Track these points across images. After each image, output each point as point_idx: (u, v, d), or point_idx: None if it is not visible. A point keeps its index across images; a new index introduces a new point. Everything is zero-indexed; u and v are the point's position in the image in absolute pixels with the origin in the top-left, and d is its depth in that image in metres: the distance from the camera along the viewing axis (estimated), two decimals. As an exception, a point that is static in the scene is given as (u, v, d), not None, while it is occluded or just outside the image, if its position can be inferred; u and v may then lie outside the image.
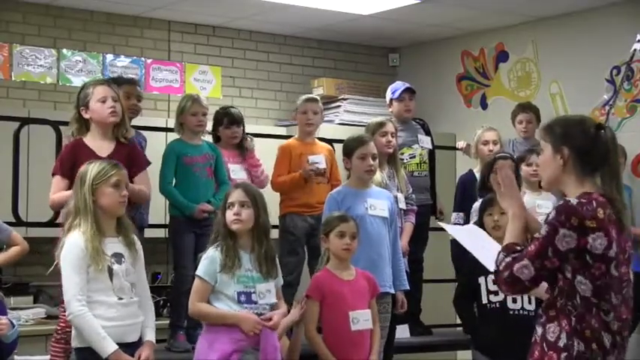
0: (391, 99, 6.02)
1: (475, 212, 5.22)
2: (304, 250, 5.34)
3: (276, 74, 7.86)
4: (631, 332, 3.05)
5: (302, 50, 7.99)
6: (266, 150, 5.65)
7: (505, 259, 2.93)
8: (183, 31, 7.45)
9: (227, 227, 3.97)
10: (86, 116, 4.40)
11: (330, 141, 5.76)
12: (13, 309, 5.77)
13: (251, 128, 5.77)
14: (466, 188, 5.89)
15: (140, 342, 3.80)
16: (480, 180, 5.50)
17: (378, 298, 4.59)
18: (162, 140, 5.59)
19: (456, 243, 5.72)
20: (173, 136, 5.35)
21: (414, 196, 5.50)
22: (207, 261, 3.93)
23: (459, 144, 6.65)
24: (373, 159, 4.79)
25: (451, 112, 7.93)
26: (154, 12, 7.13)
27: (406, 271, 5.07)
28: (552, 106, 7.19)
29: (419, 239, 5.63)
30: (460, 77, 8.00)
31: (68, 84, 6.93)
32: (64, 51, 6.94)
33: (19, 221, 5.02)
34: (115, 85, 4.58)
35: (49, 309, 6.14)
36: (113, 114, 4.37)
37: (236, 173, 5.31)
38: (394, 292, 4.81)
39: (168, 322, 5.19)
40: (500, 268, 2.92)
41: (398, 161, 5.42)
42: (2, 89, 6.72)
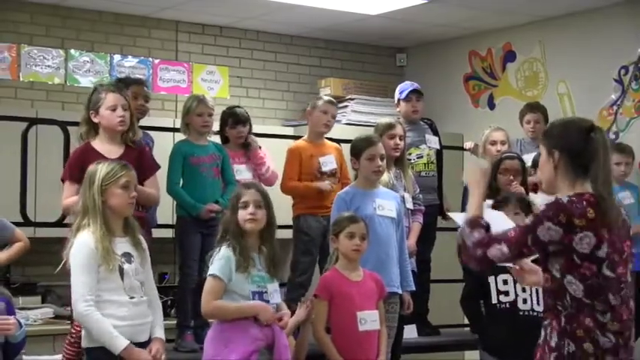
0: (399, 99, 6.01)
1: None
2: (318, 251, 5.34)
3: (283, 74, 7.86)
4: (638, 334, 3.04)
5: (309, 50, 7.99)
6: (273, 150, 5.64)
7: (474, 235, 2.99)
8: (190, 32, 7.46)
9: (239, 227, 3.96)
10: (95, 120, 4.41)
11: (338, 141, 5.75)
12: (22, 309, 5.78)
13: (258, 128, 5.77)
14: (474, 188, 5.87)
15: (150, 341, 3.80)
16: (487, 180, 5.48)
17: (386, 299, 4.59)
18: (169, 140, 5.59)
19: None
20: (180, 137, 5.36)
21: (422, 196, 5.49)
22: (222, 260, 3.91)
23: (467, 144, 6.64)
24: (381, 159, 4.79)
25: (458, 113, 7.93)
26: (162, 12, 7.14)
27: (414, 272, 5.07)
28: (560, 106, 7.18)
29: (426, 239, 5.62)
30: (467, 77, 7.99)
31: (76, 84, 6.94)
32: (72, 51, 6.95)
33: (27, 221, 5.03)
34: (126, 91, 4.58)
35: (57, 309, 6.15)
36: (121, 123, 4.38)
37: (241, 173, 5.31)
38: (401, 293, 4.81)
39: (175, 322, 5.20)
40: (469, 243, 2.97)
41: (405, 161, 5.42)
42: (10, 89, 6.73)
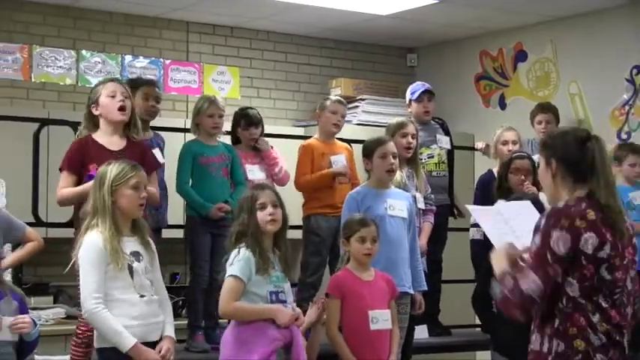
0: (410, 100, 6.01)
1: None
2: (328, 251, 5.34)
3: (294, 75, 7.87)
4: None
5: (320, 50, 8.00)
6: (284, 150, 5.65)
7: (506, 285, 2.88)
8: (201, 32, 7.47)
9: (259, 228, 3.95)
10: (96, 113, 4.40)
11: (348, 141, 5.76)
12: (34, 309, 5.80)
13: (269, 129, 5.77)
14: (486, 188, 5.87)
15: (161, 341, 3.80)
16: (498, 180, 5.48)
17: (397, 299, 4.58)
18: (180, 141, 5.60)
19: (475, 242, 5.73)
20: (191, 137, 5.36)
21: (433, 197, 5.49)
22: (242, 261, 3.89)
23: (478, 144, 6.63)
24: (394, 158, 4.79)
25: (469, 113, 7.91)
26: (173, 13, 7.16)
27: (425, 272, 5.06)
28: (571, 107, 7.16)
29: (437, 239, 5.62)
30: (478, 77, 7.98)
31: (87, 85, 6.92)
32: (84, 52, 6.95)
33: (39, 222, 5.05)
34: (127, 85, 4.58)
35: (69, 309, 6.16)
36: (122, 109, 4.37)
37: (254, 174, 5.31)
38: (413, 293, 4.81)
39: (186, 323, 5.20)
40: (504, 296, 2.88)
41: (418, 161, 5.42)
42: (22, 90, 6.76)
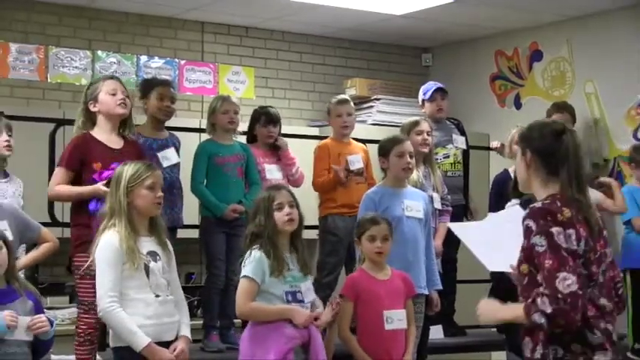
0: (423, 100, 6.01)
1: (508, 211, 5.20)
2: (345, 251, 5.34)
3: (308, 74, 7.87)
4: None
5: (335, 50, 7.99)
6: (299, 150, 5.65)
7: (539, 304, 2.78)
8: (216, 32, 7.49)
9: (276, 229, 3.96)
10: (94, 109, 4.40)
11: (363, 141, 5.75)
12: (49, 308, 5.82)
13: (284, 129, 5.77)
14: (501, 188, 5.85)
15: (177, 340, 3.81)
16: (514, 180, 5.46)
17: (413, 299, 4.57)
18: (195, 141, 5.61)
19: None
20: (206, 137, 5.37)
21: (450, 197, 5.48)
22: (254, 263, 3.91)
23: (493, 144, 6.61)
24: (410, 157, 4.78)
25: (485, 112, 7.89)
26: (188, 13, 7.17)
27: (440, 272, 5.05)
28: (587, 106, 7.13)
29: (452, 240, 5.58)
30: (494, 77, 7.96)
31: (103, 85, 6.97)
32: (99, 52, 6.99)
33: (55, 222, 5.07)
34: (142, 85, 4.59)
35: (85, 309, 6.17)
36: (122, 106, 4.39)
37: (272, 173, 5.32)
38: (427, 293, 4.80)
39: (201, 322, 5.21)
40: (553, 308, 2.76)
41: (434, 160, 5.42)
42: (38, 91, 6.79)
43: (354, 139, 5.65)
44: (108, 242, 3.72)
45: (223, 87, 7.40)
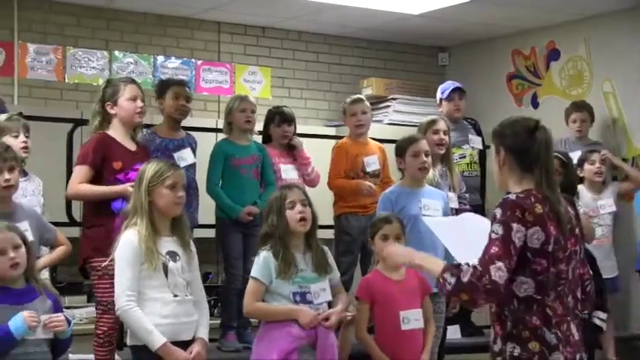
0: (441, 99, 6.00)
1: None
2: (359, 251, 5.33)
3: (325, 74, 7.87)
4: None
5: (351, 50, 7.99)
6: (315, 150, 5.65)
7: (462, 274, 2.84)
8: (232, 32, 7.50)
9: (288, 228, 3.96)
10: (112, 112, 4.43)
11: (380, 141, 5.75)
12: (68, 308, 5.84)
13: (300, 128, 5.78)
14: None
15: (194, 340, 3.81)
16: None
17: (432, 298, 4.55)
18: (212, 141, 5.62)
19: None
20: (222, 137, 5.38)
21: (468, 195, 5.47)
22: (261, 263, 3.93)
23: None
24: (426, 156, 4.78)
25: (501, 112, 7.78)
26: (204, 13, 7.18)
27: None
28: (605, 105, 7.09)
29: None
30: (511, 76, 7.93)
31: (120, 86, 7.00)
32: (116, 53, 7.02)
33: (73, 221, 5.09)
34: (158, 86, 4.62)
35: (102, 308, 6.19)
36: (140, 115, 4.45)
37: (287, 173, 5.33)
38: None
39: (219, 322, 5.22)
40: (468, 279, 2.82)
41: (451, 159, 5.40)
42: (56, 91, 6.82)
43: (371, 139, 5.65)
44: (127, 241, 3.73)
45: (240, 87, 7.42)
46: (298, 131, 5.60)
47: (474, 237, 3.07)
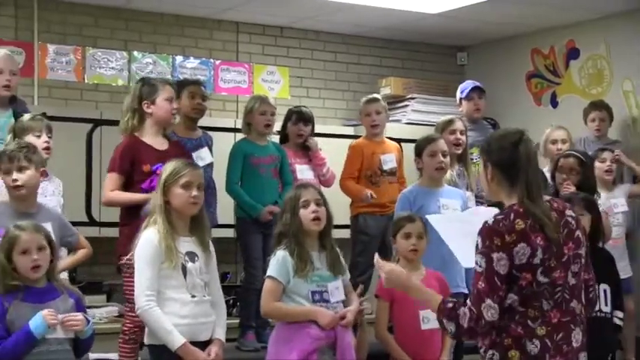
0: (460, 99, 5.99)
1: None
2: (376, 251, 5.32)
3: (343, 74, 7.87)
4: None
5: (369, 50, 7.98)
6: (333, 150, 5.66)
7: (462, 316, 2.93)
8: (251, 32, 7.51)
9: (302, 227, 3.95)
10: (148, 111, 4.45)
11: (398, 140, 5.75)
12: (87, 307, 5.85)
13: (318, 128, 5.79)
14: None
15: (211, 341, 3.81)
16: (550, 179, 5.43)
17: (452, 297, 4.54)
18: (230, 141, 5.64)
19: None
20: (241, 137, 5.39)
21: (485, 195, 5.46)
22: (278, 262, 3.92)
23: (529, 143, 6.55)
24: (443, 156, 4.77)
25: (520, 111, 7.83)
26: (223, 13, 7.20)
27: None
28: (625, 104, 7.05)
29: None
30: (530, 75, 7.90)
31: (139, 86, 7.03)
32: (135, 53, 7.05)
33: (92, 221, 5.12)
34: (193, 87, 4.68)
35: (122, 307, 6.21)
36: (175, 116, 4.54)
37: (303, 173, 5.34)
38: (467, 292, 4.78)
39: (237, 322, 5.23)
40: (468, 325, 2.91)
41: (468, 159, 5.39)
42: (76, 91, 6.85)
43: (389, 139, 5.64)
44: (147, 240, 3.74)
45: (258, 87, 7.43)
46: (316, 131, 5.61)
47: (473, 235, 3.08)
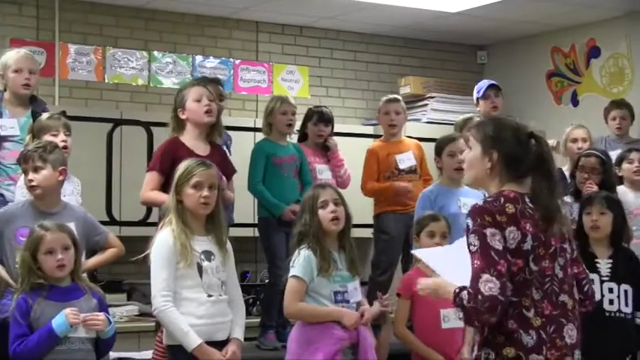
0: (477, 98, 5.98)
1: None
2: (399, 250, 5.32)
3: (363, 73, 7.86)
4: None
5: (389, 49, 7.97)
6: (353, 149, 5.66)
7: (463, 298, 2.78)
8: (270, 32, 7.52)
9: (321, 227, 3.94)
10: (183, 117, 4.45)
11: (418, 139, 5.74)
12: (108, 306, 5.90)
13: (338, 127, 5.79)
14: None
15: (229, 341, 3.79)
16: (570, 178, 5.41)
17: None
18: (249, 140, 5.65)
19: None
20: (261, 137, 5.39)
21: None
22: (303, 261, 3.90)
23: (549, 142, 6.52)
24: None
25: (541, 110, 7.80)
26: (242, 13, 7.21)
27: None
28: (646, 103, 7.01)
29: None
30: (550, 74, 7.86)
31: (159, 85, 7.06)
32: (155, 53, 7.07)
33: (113, 220, 5.14)
34: (211, 86, 4.64)
35: (142, 306, 6.25)
36: (208, 113, 4.43)
37: (322, 173, 5.35)
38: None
39: (257, 321, 5.24)
40: (469, 305, 2.76)
41: (486, 158, 5.37)
42: (96, 91, 6.88)
43: (408, 137, 5.64)
44: (162, 241, 3.72)
45: (278, 86, 7.44)
46: (336, 130, 5.61)
47: (467, 263, 2.94)
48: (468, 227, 2.84)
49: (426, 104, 7.57)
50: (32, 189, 4.02)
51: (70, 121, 4.73)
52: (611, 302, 4.39)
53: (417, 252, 3.53)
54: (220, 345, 3.74)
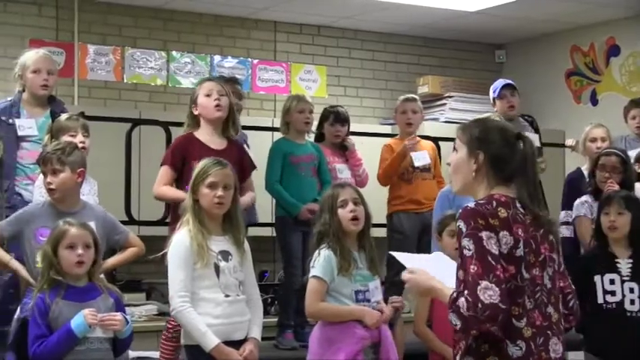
0: (494, 98, 5.95)
1: (577, 208, 5.17)
2: (413, 249, 5.31)
3: (381, 73, 7.85)
4: None
5: (407, 48, 7.96)
6: (371, 148, 5.65)
7: (461, 306, 2.60)
8: (288, 32, 7.52)
9: (341, 227, 3.92)
10: (196, 112, 4.47)
11: (436, 139, 5.73)
12: (127, 305, 5.89)
13: (356, 127, 5.79)
14: (574, 187, 5.76)
15: (247, 340, 3.79)
16: (588, 177, 5.38)
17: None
18: (268, 140, 5.65)
19: (569, 241, 5.61)
20: (279, 136, 5.40)
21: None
22: (323, 262, 3.88)
23: (568, 141, 6.51)
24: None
25: (560, 109, 7.77)
26: (260, 13, 7.22)
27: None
28: (666, 102, 6.96)
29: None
30: (569, 73, 7.83)
31: (177, 85, 7.08)
32: (174, 53, 7.09)
33: (132, 220, 5.15)
34: (224, 83, 4.63)
35: (161, 306, 6.27)
36: (218, 107, 4.41)
37: (342, 172, 5.35)
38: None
39: (275, 320, 5.24)
40: (469, 314, 2.59)
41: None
42: (115, 91, 6.91)
43: (427, 137, 5.64)
44: (179, 241, 3.72)
45: (296, 86, 7.44)
46: (354, 129, 5.61)
47: (444, 274, 2.84)
48: (461, 230, 2.70)
49: (445, 103, 7.56)
50: (51, 192, 4.04)
51: (89, 121, 4.75)
52: (632, 302, 4.36)
53: (396, 254, 3.30)
54: (238, 344, 3.73)
